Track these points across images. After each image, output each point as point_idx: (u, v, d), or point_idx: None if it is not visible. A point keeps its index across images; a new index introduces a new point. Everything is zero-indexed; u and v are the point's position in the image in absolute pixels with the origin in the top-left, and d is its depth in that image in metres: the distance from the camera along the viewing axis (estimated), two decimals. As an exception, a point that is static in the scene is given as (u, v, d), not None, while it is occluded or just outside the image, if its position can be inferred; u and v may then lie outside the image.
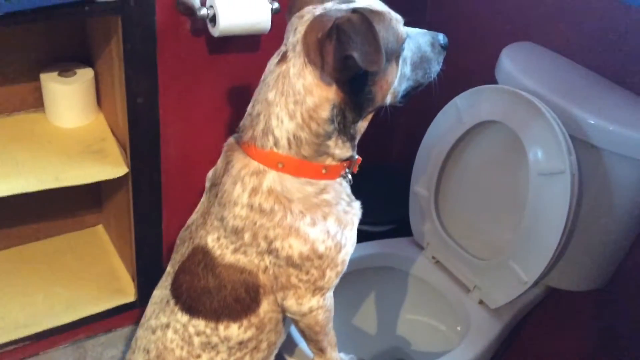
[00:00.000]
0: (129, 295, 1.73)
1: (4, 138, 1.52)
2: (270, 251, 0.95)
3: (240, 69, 1.51)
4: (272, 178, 0.94)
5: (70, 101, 1.56)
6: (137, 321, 1.81)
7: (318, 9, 0.92)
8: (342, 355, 1.17)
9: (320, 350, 1.11)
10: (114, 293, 1.74)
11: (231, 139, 1.02)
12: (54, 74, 1.55)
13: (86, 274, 1.77)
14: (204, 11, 1.31)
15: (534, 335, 1.62)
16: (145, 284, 1.72)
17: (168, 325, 1.02)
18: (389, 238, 1.69)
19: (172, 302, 1.02)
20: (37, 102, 1.61)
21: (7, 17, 1.13)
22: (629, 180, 1.23)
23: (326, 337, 1.08)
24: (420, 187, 1.47)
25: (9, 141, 1.51)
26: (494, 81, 1.41)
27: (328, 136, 0.93)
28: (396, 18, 0.95)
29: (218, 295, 0.98)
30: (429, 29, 1.11)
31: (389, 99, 0.97)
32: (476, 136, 1.37)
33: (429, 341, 1.51)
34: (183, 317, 1.01)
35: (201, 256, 0.98)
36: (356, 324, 1.54)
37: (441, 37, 1.02)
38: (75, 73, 1.57)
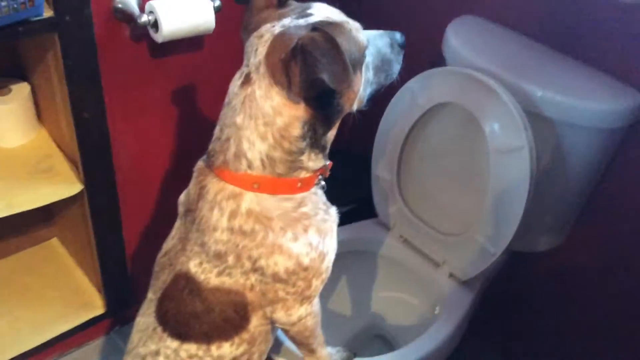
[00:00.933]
0: (98, 307, 1.70)
1: (-57, 167, 1.44)
2: (255, 270, 0.95)
3: (185, 70, 1.47)
4: (249, 199, 0.93)
5: (9, 121, 1.48)
6: (108, 331, 1.79)
7: (277, 27, 0.90)
8: (329, 348, 1.20)
9: (310, 351, 1.13)
10: (81, 307, 1.70)
11: (200, 163, 1.00)
12: (-13, 94, 1.47)
13: (49, 292, 1.72)
14: (144, 18, 1.26)
15: (502, 297, 1.69)
16: (113, 295, 1.69)
17: (158, 352, 1.01)
18: (351, 217, 1.72)
19: (159, 329, 1.01)
20: (-29, 123, 1.52)
21: None
22: (580, 146, 1.28)
23: (316, 339, 1.10)
24: (382, 170, 1.49)
25: (-51, 170, 1.43)
26: (442, 58, 1.43)
27: (301, 152, 0.93)
28: (355, 27, 0.94)
29: (207, 318, 0.97)
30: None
31: (355, 106, 0.97)
32: (433, 117, 1.39)
33: (404, 315, 1.55)
34: (173, 343, 1.00)
35: (185, 282, 0.97)
36: (331, 308, 1.57)
37: (398, 37, 1.02)
38: (10, 90, 1.48)
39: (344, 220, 1.65)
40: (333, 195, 1.25)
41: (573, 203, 1.38)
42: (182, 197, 1.03)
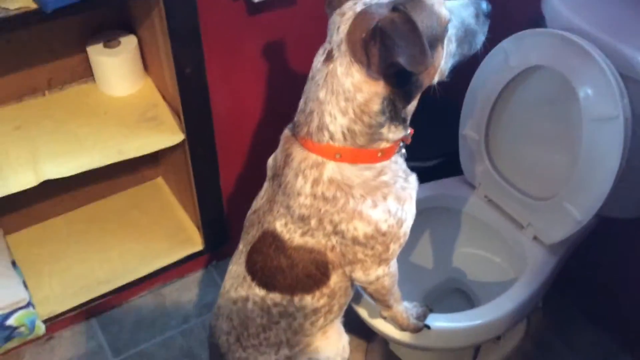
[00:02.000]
0: (197, 244, 1.84)
1: (63, 113, 1.58)
2: (336, 232, 1.01)
3: (279, 25, 1.51)
4: (331, 168, 0.98)
5: (119, 72, 1.60)
6: (206, 265, 1.94)
7: (359, 4, 0.91)
8: (406, 304, 1.26)
9: (387, 307, 1.20)
10: (182, 243, 1.85)
11: (287, 132, 1.05)
12: (99, 46, 1.58)
13: (154, 227, 1.88)
14: (242, -22, 1.30)
15: (585, 263, 1.67)
16: (211, 234, 1.82)
17: (247, 298, 1.11)
18: (439, 172, 1.74)
19: (248, 278, 1.11)
20: (86, 72, 1.65)
21: (53, 13, 1.16)
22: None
23: (392, 296, 1.16)
24: (470, 130, 1.48)
25: (68, 116, 1.57)
26: (541, 15, 1.38)
27: (381, 125, 0.96)
28: (438, 0, 0.94)
29: (291, 273, 1.06)
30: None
31: (436, 79, 0.98)
32: (525, 79, 1.35)
33: (485, 272, 1.58)
34: (260, 292, 1.09)
35: (271, 239, 1.05)
36: (413, 261, 1.62)
37: (484, 5, 1.00)
38: (119, 42, 1.59)
39: (432, 174, 1.68)
40: (423, 149, 1.24)
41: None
42: (270, 161, 1.10)
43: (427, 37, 0.88)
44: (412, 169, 1.19)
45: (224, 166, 1.70)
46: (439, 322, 1.28)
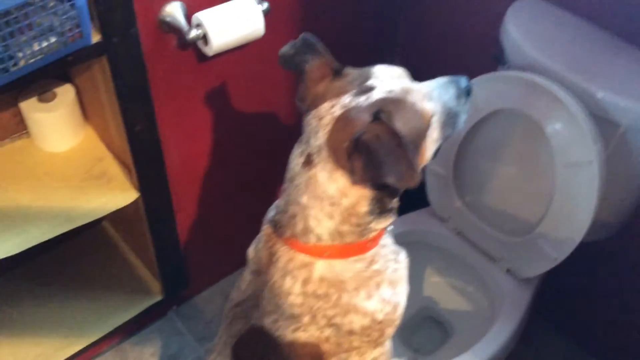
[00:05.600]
0: (156, 293, 1.75)
1: (-1, 177, 1.44)
2: (330, 325, 0.96)
3: (232, 69, 1.43)
4: (321, 267, 0.93)
5: (56, 127, 1.47)
6: (166, 312, 1.84)
7: (337, 108, 0.86)
8: (394, 360, 1.23)
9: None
10: (140, 294, 1.75)
11: (268, 228, 0.99)
12: (33, 101, 1.44)
13: (107, 278, 1.77)
14: (193, 33, 1.20)
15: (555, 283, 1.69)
16: (170, 282, 1.74)
17: None
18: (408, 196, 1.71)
19: None
20: (19, 127, 1.51)
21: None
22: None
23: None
24: (437, 165, 1.45)
25: (6, 180, 1.43)
26: (500, 48, 1.35)
27: (369, 222, 0.92)
28: (420, 95, 0.89)
29: None
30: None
31: (420, 167, 0.94)
32: (495, 119, 1.32)
33: (457, 300, 1.57)
34: None
35: (260, 336, 0.99)
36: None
37: (464, 83, 0.96)
38: (55, 94, 1.46)
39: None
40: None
41: (633, 200, 1.34)
42: (251, 252, 1.03)
43: (412, 138, 0.84)
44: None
45: (179, 209, 1.60)
46: (427, 375, 1.26)
